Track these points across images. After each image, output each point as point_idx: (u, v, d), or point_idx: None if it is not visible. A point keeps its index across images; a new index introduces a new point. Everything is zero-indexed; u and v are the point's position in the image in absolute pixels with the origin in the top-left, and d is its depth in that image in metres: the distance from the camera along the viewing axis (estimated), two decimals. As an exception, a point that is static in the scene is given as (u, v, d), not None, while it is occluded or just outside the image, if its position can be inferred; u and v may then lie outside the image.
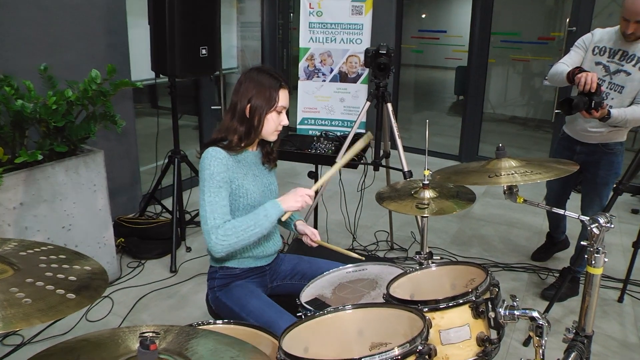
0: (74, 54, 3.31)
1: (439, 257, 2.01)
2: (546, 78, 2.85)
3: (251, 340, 1.47)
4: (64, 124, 2.69)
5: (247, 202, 1.85)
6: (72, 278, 1.10)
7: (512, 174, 1.75)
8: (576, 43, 2.75)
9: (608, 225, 1.63)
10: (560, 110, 2.49)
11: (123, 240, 3.42)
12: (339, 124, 3.76)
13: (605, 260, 1.67)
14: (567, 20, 4.94)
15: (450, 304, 1.49)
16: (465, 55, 5.56)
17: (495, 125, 6.39)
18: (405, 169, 2.97)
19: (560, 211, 1.83)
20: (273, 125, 1.86)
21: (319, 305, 1.72)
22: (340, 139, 3.34)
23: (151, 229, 3.47)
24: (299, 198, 1.82)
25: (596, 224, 1.64)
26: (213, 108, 4.76)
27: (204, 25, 3.29)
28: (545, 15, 5.74)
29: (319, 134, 3.50)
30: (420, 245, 2.07)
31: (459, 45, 5.97)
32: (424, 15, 6.48)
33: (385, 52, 2.91)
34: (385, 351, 1.21)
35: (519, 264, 3.43)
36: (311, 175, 3.28)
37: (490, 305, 1.50)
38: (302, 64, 3.73)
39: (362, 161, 3.12)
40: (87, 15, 3.37)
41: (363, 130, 3.58)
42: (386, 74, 2.94)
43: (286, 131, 4.38)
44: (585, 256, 1.68)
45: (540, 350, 1.55)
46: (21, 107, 2.49)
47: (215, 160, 1.76)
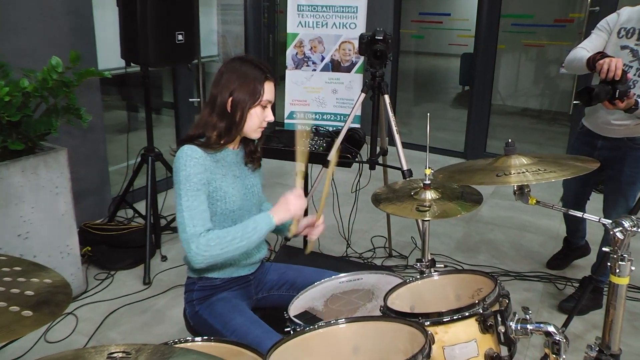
0: (30, 39, 3.28)
1: (442, 265, 2.01)
2: (563, 65, 2.84)
3: (234, 359, 1.47)
4: (20, 118, 2.66)
5: (226, 207, 1.85)
6: (29, 293, 1.08)
7: (523, 172, 1.75)
8: (598, 25, 2.71)
9: (634, 229, 1.61)
10: (579, 101, 2.47)
11: (90, 249, 3.40)
12: (331, 118, 3.76)
13: (632, 268, 1.65)
14: (589, -1, 4.92)
15: (454, 317, 1.49)
16: (471, 40, 5.58)
17: (505, 119, 6.43)
18: (405, 168, 2.97)
19: (579, 214, 1.82)
20: (257, 121, 1.86)
21: (309, 319, 1.72)
22: (332, 134, 3.35)
23: (122, 236, 3.46)
24: (290, 207, 1.84)
25: (620, 228, 1.62)
26: (191, 101, 4.74)
27: (181, 7, 3.27)
28: (562, -5, 5.74)
29: (308, 129, 3.50)
30: (422, 251, 2.07)
31: (465, 30, 5.99)
32: (425, -3, 6.52)
33: (382, 38, 2.91)
34: (383, 370, 1.21)
35: (532, 272, 3.45)
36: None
37: (499, 319, 1.51)
38: (290, 52, 3.73)
39: (357, 159, 3.12)
40: (46, -6, 3.34)
41: (358, 125, 3.59)
42: (383, 63, 2.95)
43: (273, 126, 4.38)
44: (609, 264, 1.67)
45: (558, 370, 1.55)
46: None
47: (191, 160, 1.76)
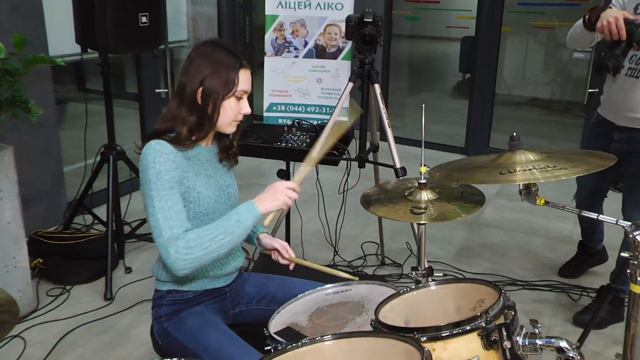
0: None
1: (440, 274, 2.03)
2: (567, 42, 2.85)
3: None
4: (-46, 111, 2.64)
5: (199, 210, 1.85)
6: (-31, 312, 1.08)
7: (530, 169, 1.77)
8: (613, 1, 2.71)
9: (657, 232, 1.61)
10: (602, 72, 2.47)
11: (41, 261, 3.37)
12: (316, 111, 3.76)
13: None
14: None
15: (454, 332, 1.50)
16: (472, 22, 5.61)
17: (511, 110, 6.47)
18: (398, 166, 2.99)
19: (593, 215, 1.84)
20: (231, 114, 1.86)
21: (292, 336, 1.72)
22: (316, 128, 3.35)
23: (79, 246, 3.44)
24: (279, 195, 1.82)
25: (641, 231, 1.63)
26: (158, 91, 4.72)
27: (144, -15, 3.27)
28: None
29: (290, 123, 3.50)
30: (418, 259, 2.09)
31: (465, 11, 6.02)
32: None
33: (371, 21, 2.92)
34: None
35: (543, 281, 3.48)
36: (282, 174, 3.29)
37: (505, 333, 1.51)
38: (269, 36, 3.73)
39: (344, 156, 3.13)
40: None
41: (345, 118, 3.59)
42: (373, 48, 2.96)
43: (250, 120, 4.38)
44: (628, 271, 1.68)
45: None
46: None
47: (160, 156, 1.76)
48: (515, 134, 1.90)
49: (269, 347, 1.67)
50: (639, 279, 1.66)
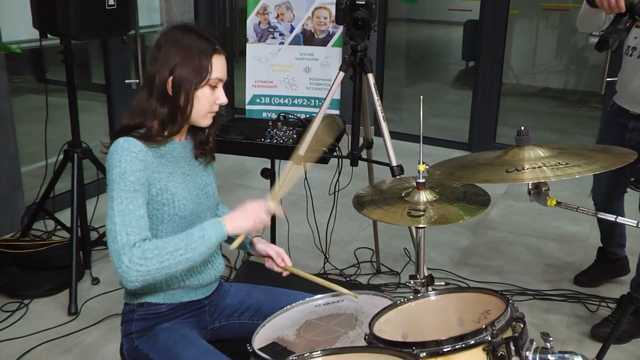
0: None
1: (442, 283, 2.04)
2: (577, 24, 2.89)
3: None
4: None
5: (175, 212, 1.85)
6: None
7: (540, 167, 1.78)
8: None
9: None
10: (601, 49, 2.52)
11: (-3, 272, 3.37)
12: (304, 103, 3.77)
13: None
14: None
15: (457, 346, 1.51)
16: (477, 5, 5.63)
17: (520, 102, 6.51)
18: (394, 164, 2.99)
19: (611, 217, 1.84)
20: (206, 104, 1.86)
21: (279, 353, 1.72)
22: (304, 123, 3.35)
23: (40, 255, 3.42)
24: (251, 216, 1.83)
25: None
26: (127, 82, 4.71)
27: (111, -37, 3.27)
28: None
29: (275, 116, 3.50)
30: (416, 266, 2.09)
31: (468, -8, 6.05)
32: (419, -49, 6.57)
33: (364, 3, 2.93)
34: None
35: (555, 290, 3.50)
36: (266, 173, 3.29)
37: (512, 348, 1.52)
38: (252, 20, 3.73)
39: (335, 153, 3.13)
40: None
41: (336, 111, 3.60)
42: (366, 34, 2.96)
43: (232, 114, 4.38)
44: None
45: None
46: None
47: (127, 155, 1.75)
48: (523, 127, 1.91)
49: (252, 365, 1.68)
50: (662, 287, 1.67)
